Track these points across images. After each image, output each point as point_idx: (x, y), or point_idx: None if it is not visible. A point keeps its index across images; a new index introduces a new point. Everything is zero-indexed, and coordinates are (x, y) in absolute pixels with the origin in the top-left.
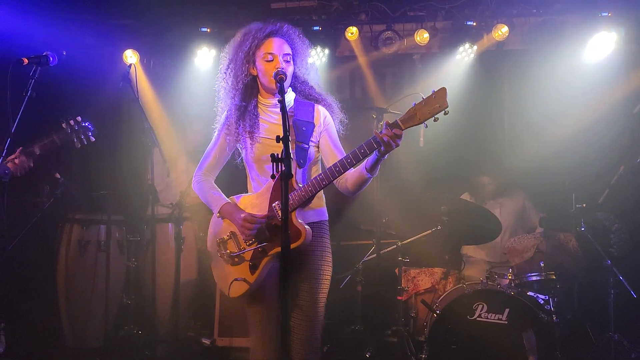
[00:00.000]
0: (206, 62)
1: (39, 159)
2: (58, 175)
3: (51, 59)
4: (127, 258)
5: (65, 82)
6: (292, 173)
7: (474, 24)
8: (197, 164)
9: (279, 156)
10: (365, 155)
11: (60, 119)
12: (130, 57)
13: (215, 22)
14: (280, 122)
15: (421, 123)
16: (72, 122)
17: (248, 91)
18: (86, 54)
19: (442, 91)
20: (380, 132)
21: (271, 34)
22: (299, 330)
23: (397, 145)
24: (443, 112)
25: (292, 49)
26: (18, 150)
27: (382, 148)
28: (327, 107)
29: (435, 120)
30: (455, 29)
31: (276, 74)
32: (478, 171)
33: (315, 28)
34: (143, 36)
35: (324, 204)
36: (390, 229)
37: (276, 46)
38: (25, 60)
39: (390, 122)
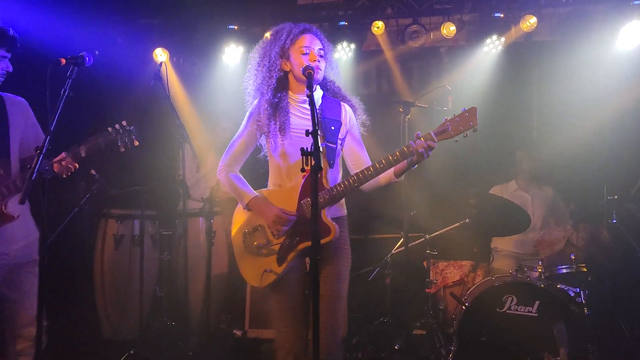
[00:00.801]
0: (234, 59)
1: (83, 160)
2: (94, 172)
3: (87, 59)
4: (160, 252)
5: (99, 81)
6: (322, 167)
7: (502, 15)
8: None
9: (309, 150)
10: (397, 162)
11: (107, 125)
12: (160, 55)
13: (243, 19)
14: (310, 117)
15: (453, 137)
16: (117, 126)
17: (280, 86)
18: (117, 53)
19: (473, 110)
20: (415, 142)
21: (305, 31)
22: (322, 320)
23: (428, 156)
24: (472, 129)
25: (323, 48)
26: (64, 153)
27: (414, 158)
28: (352, 107)
29: (465, 136)
30: (483, 21)
31: (305, 69)
32: (508, 163)
33: (342, 23)
34: (172, 35)
35: (343, 199)
36: (418, 222)
37: (312, 41)
38: (63, 61)
39: (423, 134)
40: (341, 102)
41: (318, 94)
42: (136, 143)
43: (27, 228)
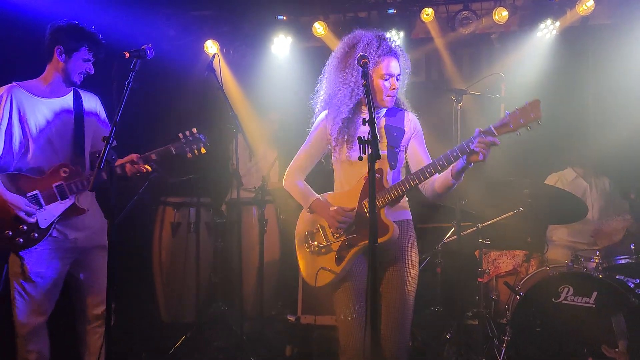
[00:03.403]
0: (283, 50)
1: (154, 163)
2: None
3: (148, 52)
4: (214, 239)
5: (154, 74)
6: (381, 175)
7: None
8: (274, 150)
9: (366, 138)
10: (456, 159)
11: (165, 117)
12: (211, 47)
13: (291, 9)
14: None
15: (514, 131)
16: (187, 133)
17: (358, 105)
18: (170, 45)
19: (536, 102)
20: (475, 139)
21: (391, 52)
22: (389, 325)
23: (486, 155)
24: (536, 122)
25: (400, 72)
26: (135, 156)
27: (472, 157)
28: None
29: (528, 129)
30: (536, 5)
31: (360, 58)
32: (563, 152)
33: (390, 11)
34: (222, 26)
35: (408, 205)
36: (469, 211)
37: (394, 67)
38: (127, 54)
39: (483, 129)
40: (405, 111)
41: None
42: (203, 151)
43: (94, 216)
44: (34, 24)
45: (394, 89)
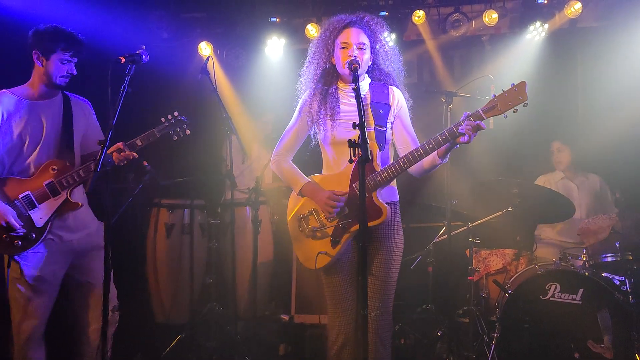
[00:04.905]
0: (276, 52)
1: (140, 150)
2: (146, 163)
3: (144, 56)
4: (208, 240)
5: (148, 76)
6: (371, 157)
7: (545, 1)
8: (269, 151)
9: (356, 141)
10: (445, 142)
11: (159, 119)
12: (205, 49)
13: (284, 11)
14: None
15: (502, 113)
16: (170, 116)
17: (329, 77)
18: (163, 47)
19: (523, 84)
20: (463, 122)
21: (349, 24)
22: (372, 301)
23: (472, 137)
24: (522, 104)
25: (370, 39)
26: (121, 143)
27: (460, 139)
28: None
29: (514, 112)
30: (526, 8)
31: (350, 63)
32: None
33: (382, 13)
34: (215, 28)
35: (396, 185)
36: (460, 211)
37: (352, 35)
38: (122, 59)
39: (471, 112)
40: (389, 86)
41: (365, 82)
42: (187, 132)
43: (86, 219)
44: (25, 29)
45: (350, 55)
